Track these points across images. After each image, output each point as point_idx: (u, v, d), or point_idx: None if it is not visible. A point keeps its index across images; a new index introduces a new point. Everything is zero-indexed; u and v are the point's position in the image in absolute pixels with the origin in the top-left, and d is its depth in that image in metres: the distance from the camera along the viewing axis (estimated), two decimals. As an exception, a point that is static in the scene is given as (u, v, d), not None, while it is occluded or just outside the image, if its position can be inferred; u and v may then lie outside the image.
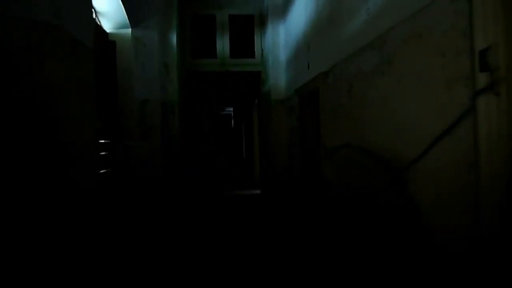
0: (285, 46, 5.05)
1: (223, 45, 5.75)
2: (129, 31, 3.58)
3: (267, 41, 5.34)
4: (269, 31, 5.17)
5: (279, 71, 5.11)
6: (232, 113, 12.57)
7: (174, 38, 4.66)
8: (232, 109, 12.23)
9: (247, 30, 5.96)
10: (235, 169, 11.14)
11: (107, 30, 3.49)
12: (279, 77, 5.10)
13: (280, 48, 5.11)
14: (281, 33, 5.11)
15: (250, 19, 5.92)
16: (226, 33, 5.76)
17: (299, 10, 4.11)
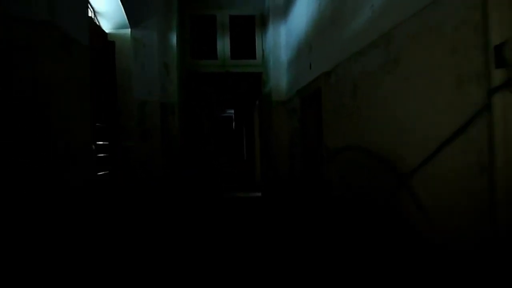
0: (286, 46, 4.99)
1: (223, 45, 5.70)
2: (128, 31, 3.53)
3: (268, 42, 5.29)
4: (270, 32, 5.12)
5: (280, 72, 5.05)
6: (233, 115, 12.52)
7: (174, 38, 4.61)
8: (233, 111, 12.18)
9: (248, 30, 5.91)
10: (236, 170, 11.10)
11: (106, 30, 3.44)
12: (280, 78, 5.05)
13: (281, 48, 5.06)
14: (282, 33, 5.06)
15: (251, 19, 5.87)
16: (226, 34, 5.71)
17: (300, 10, 4.06)
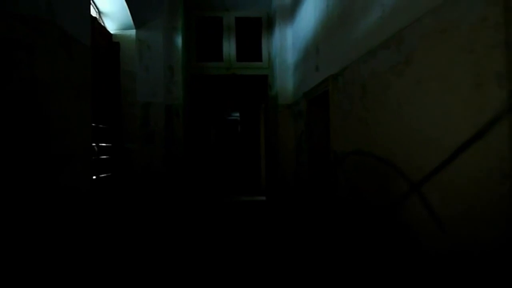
0: (292, 49, 4.93)
1: (229, 48, 5.65)
2: (133, 32, 3.50)
3: (275, 44, 5.23)
4: (277, 34, 5.07)
5: (286, 74, 4.99)
6: (238, 118, 12.47)
7: (179, 40, 4.57)
8: (238, 114, 12.13)
9: (254, 33, 5.85)
10: (240, 173, 11.03)
11: (111, 31, 3.41)
12: (286, 81, 4.98)
13: (287, 51, 5.00)
14: (288, 35, 5.00)
15: (257, 21, 5.82)
16: (232, 36, 5.66)
17: (307, 11, 4.00)
